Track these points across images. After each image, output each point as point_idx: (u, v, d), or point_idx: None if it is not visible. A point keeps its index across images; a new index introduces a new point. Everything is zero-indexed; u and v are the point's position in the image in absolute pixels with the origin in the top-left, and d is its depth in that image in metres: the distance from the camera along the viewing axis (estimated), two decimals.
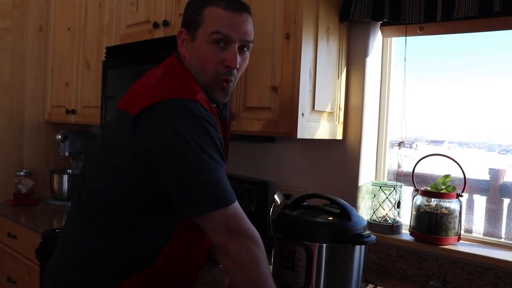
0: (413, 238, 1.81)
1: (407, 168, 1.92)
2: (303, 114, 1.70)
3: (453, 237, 1.74)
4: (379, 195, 1.91)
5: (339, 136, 1.96)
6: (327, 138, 1.89)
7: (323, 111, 1.84)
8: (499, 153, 1.89)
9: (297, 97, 1.68)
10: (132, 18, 2.40)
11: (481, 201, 1.87)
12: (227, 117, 1.41)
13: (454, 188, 1.78)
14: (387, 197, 1.89)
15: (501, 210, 1.80)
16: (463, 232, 1.83)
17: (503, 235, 1.78)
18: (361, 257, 1.48)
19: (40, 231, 2.31)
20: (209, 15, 1.27)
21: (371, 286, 1.68)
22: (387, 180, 2.04)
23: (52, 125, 3.20)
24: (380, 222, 1.90)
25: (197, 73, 1.30)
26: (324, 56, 1.81)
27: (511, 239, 1.75)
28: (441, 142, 2.03)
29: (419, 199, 1.81)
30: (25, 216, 2.64)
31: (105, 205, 1.25)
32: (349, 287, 1.46)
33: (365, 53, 1.94)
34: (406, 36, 1.86)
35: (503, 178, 1.84)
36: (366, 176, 1.99)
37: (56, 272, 1.31)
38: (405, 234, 1.87)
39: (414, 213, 1.82)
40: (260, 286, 1.20)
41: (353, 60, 1.97)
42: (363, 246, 1.47)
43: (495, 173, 1.86)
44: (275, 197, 1.91)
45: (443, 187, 1.79)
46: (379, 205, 1.91)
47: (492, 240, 1.77)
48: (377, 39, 1.97)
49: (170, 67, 1.32)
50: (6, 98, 3.00)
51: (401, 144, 1.92)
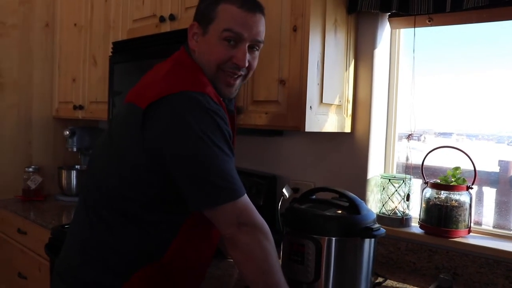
0: (422, 231, 1.80)
1: (416, 160, 1.90)
2: (311, 107, 1.69)
3: (463, 230, 1.73)
4: (388, 188, 1.90)
5: (348, 129, 1.95)
6: (336, 131, 1.87)
7: (331, 104, 1.83)
8: (508, 144, 1.88)
9: (305, 90, 1.67)
10: (138, 12, 2.39)
11: (491, 193, 1.86)
12: (234, 111, 1.41)
13: (464, 180, 1.76)
14: (396, 190, 1.88)
15: (511, 202, 1.79)
16: (472, 224, 1.82)
17: None
18: (370, 250, 1.47)
19: (49, 227, 2.32)
20: (223, 12, 1.27)
21: (380, 279, 1.67)
22: (396, 173, 2.03)
23: (60, 121, 3.21)
24: (389, 215, 1.89)
25: (204, 67, 1.30)
26: (331, 48, 1.79)
27: None
28: (450, 134, 2.02)
29: (429, 192, 1.80)
30: (35, 212, 2.66)
31: (114, 199, 1.25)
32: (358, 281, 1.45)
33: (373, 45, 1.92)
34: (415, 27, 1.84)
35: None
36: (375, 169, 1.98)
37: (65, 269, 1.31)
38: (415, 227, 1.86)
39: (423, 205, 1.81)
40: (269, 278, 1.20)
41: (361, 52, 1.95)
42: (373, 239, 1.46)
43: (505, 165, 1.84)
44: (284, 190, 1.90)
45: (452, 180, 1.78)
46: (388, 198, 1.90)
47: (502, 232, 1.75)
48: (385, 31, 1.95)
49: (179, 61, 1.32)
50: (14, 94, 3.01)
51: (410, 136, 1.90)
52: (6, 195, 2.96)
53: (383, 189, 1.92)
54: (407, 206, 1.89)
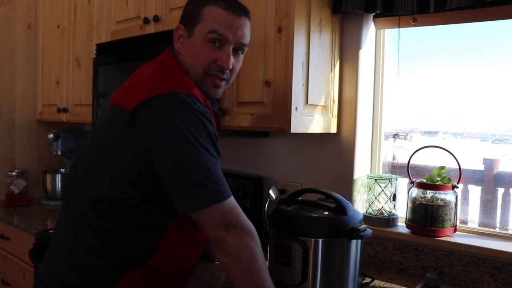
0: (409, 230, 1.81)
1: (402, 159, 1.91)
2: (296, 108, 1.68)
3: (449, 229, 1.74)
4: (374, 188, 1.90)
5: (333, 129, 1.95)
6: (321, 132, 1.87)
7: (317, 105, 1.82)
8: (492, 142, 1.89)
9: (290, 91, 1.66)
10: (122, 14, 2.37)
11: (476, 192, 1.87)
12: (218, 113, 1.41)
13: (449, 179, 1.77)
14: (383, 190, 1.88)
15: (496, 200, 1.81)
16: (458, 223, 1.83)
17: (498, 225, 1.78)
18: (357, 251, 1.47)
19: (33, 232, 2.29)
20: (209, 14, 1.28)
21: (368, 279, 1.67)
22: (383, 172, 2.03)
23: (43, 124, 3.17)
24: (376, 215, 1.90)
25: (189, 69, 1.30)
26: (316, 49, 1.79)
27: (506, 229, 1.75)
28: (436, 133, 2.03)
29: (415, 191, 1.81)
30: (18, 217, 2.62)
31: (100, 203, 1.23)
32: (346, 282, 1.45)
33: (358, 46, 1.92)
34: (399, 27, 1.85)
35: (497, 167, 1.85)
36: (361, 169, 1.98)
37: (49, 275, 1.29)
38: (402, 226, 1.87)
39: (410, 205, 1.82)
40: (256, 280, 1.20)
41: (346, 52, 1.95)
42: (359, 240, 1.46)
43: (489, 163, 1.86)
44: (270, 192, 1.90)
45: (438, 179, 1.79)
46: (374, 198, 1.90)
47: (487, 230, 1.77)
48: (370, 31, 1.96)
49: (165, 62, 1.32)
50: None
51: (395, 136, 1.91)
52: None
53: (370, 189, 1.92)
54: (394, 206, 1.90)
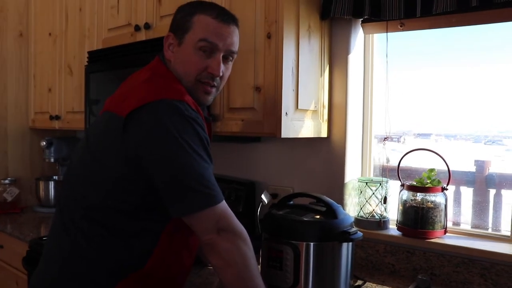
0: (400, 233, 1.82)
1: (396, 162, 1.92)
2: (286, 113, 1.70)
3: (439, 231, 1.75)
4: (365, 191, 1.92)
5: (324, 134, 1.97)
6: (312, 136, 1.89)
7: (307, 110, 1.84)
8: (485, 144, 1.91)
9: (280, 97, 1.68)
10: (113, 21, 2.38)
11: (468, 193, 1.89)
12: (210, 119, 1.43)
13: (439, 182, 1.79)
14: (374, 193, 1.90)
15: (487, 201, 1.82)
16: (451, 224, 1.85)
17: (490, 226, 1.80)
18: (348, 254, 1.48)
19: (27, 239, 2.28)
20: (198, 22, 1.30)
21: (360, 282, 1.68)
22: (374, 175, 2.05)
23: (36, 132, 3.16)
24: (367, 218, 1.91)
25: (180, 77, 1.32)
26: (306, 54, 1.81)
27: (497, 230, 1.77)
28: (428, 135, 2.05)
29: (405, 194, 1.82)
30: (11, 225, 2.61)
31: (93, 210, 1.23)
32: (337, 285, 1.47)
33: (347, 50, 1.94)
34: (387, 32, 1.87)
35: (489, 169, 1.86)
36: (352, 172, 2.00)
37: (44, 284, 1.29)
38: (393, 229, 1.89)
39: (400, 208, 1.84)
40: (249, 283, 1.21)
41: (336, 57, 1.97)
42: (350, 243, 1.47)
43: (481, 165, 1.88)
44: (262, 197, 1.91)
45: (428, 181, 1.80)
46: (365, 201, 1.92)
47: (479, 231, 1.78)
48: (358, 36, 1.98)
49: (155, 70, 1.33)
50: None
51: (385, 139, 1.93)
52: None
53: (361, 192, 1.94)
54: (385, 208, 1.91)
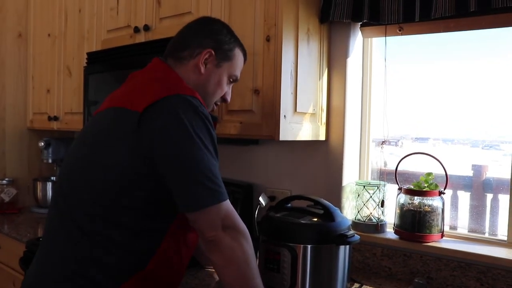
0: (397, 236, 1.83)
1: (393, 165, 1.93)
2: (285, 116, 1.71)
3: (436, 234, 1.76)
4: (363, 194, 1.92)
5: (322, 137, 1.97)
6: (310, 139, 1.89)
7: (305, 113, 1.85)
8: (482, 148, 1.92)
9: (278, 99, 1.68)
10: (112, 23, 2.39)
11: (465, 198, 1.89)
12: (216, 119, 1.47)
13: (436, 186, 1.80)
14: (371, 197, 1.91)
15: (484, 205, 1.83)
16: (448, 229, 1.86)
17: (487, 230, 1.80)
18: (345, 257, 1.49)
19: (24, 240, 2.28)
20: (236, 58, 1.46)
21: (357, 285, 1.69)
22: (372, 179, 2.05)
23: (34, 132, 3.17)
24: (364, 221, 1.92)
25: (204, 93, 1.39)
26: (305, 57, 1.82)
27: (494, 234, 1.78)
28: (426, 139, 2.05)
29: (403, 198, 1.83)
30: (9, 225, 2.61)
31: (98, 208, 1.21)
32: (334, 287, 1.47)
33: (346, 54, 1.95)
34: (386, 36, 1.88)
35: (486, 173, 1.87)
36: (349, 176, 2.00)
37: (40, 284, 1.26)
38: (390, 232, 1.89)
39: (398, 211, 1.84)
40: (249, 282, 1.22)
41: (334, 61, 1.98)
42: (348, 246, 1.48)
43: (478, 169, 1.88)
44: (260, 199, 1.91)
45: (425, 185, 1.81)
46: (363, 204, 1.92)
47: (475, 236, 1.79)
48: (357, 40, 1.99)
49: (163, 70, 1.36)
50: None
51: (383, 143, 1.94)
52: None
53: (358, 195, 1.94)
54: (382, 212, 1.92)
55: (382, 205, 1.90)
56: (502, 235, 1.75)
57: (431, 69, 1.97)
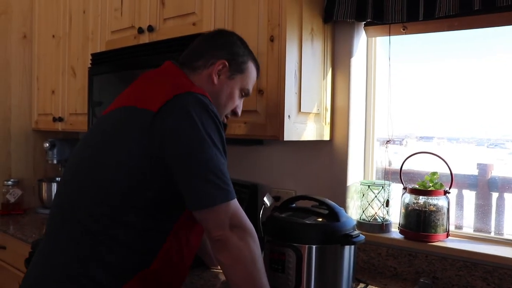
0: (402, 236, 1.82)
1: (398, 165, 1.93)
2: (289, 116, 1.70)
3: (441, 234, 1.75)
4: (368, 194, 1.92)
5: (327, 137, 1.97)
6: (315, 139, 1.89)
7: (310, 113, 1.84)
8: (487, 147, 1.91)
9: (283, 100, 1.68)
10: (116, 24, 2.39)
11: (470, 197, 1.88)
12: (225, 124, 1.51)
13: (441, 185, 1.79)
14: (376, 196, 1.90)
15: (490, 204, 1.82)
16: (454, 228, 1.85)
17: (493, 230, 1.80)
18: (350, 257, 1.49)
19: (29, 240, 2.29)
20: (250, 71, 1.48)
21: (362, 285, 1.68)
22: (376, 178, 2.05)
23: (39, 133, 3.18)
24: (369, 221, 1.91)
25: (216, 104, 1.37)
26: (309, 57, 1.82)
27: (500, 234, 1.77)
28: (431, 138, 2.04)
29: (407, 197, 1.82)
30: (14, 226, 2.62)
31: (106, 209, 1.21)
32: (339, 287, 1.47)
33: (350, 54, 1.94)
34: (389, 35, 1.87)
35: (491, 172, 1.86)
36: (354, 175, 2.00)
37: (41, 284, 1.24)
38: (395, 232, 1.89)
39: (403, 211, 1.84)
40: (256, 281, 1.22)
41: (338, 60, 1.97)
42: (353, 246, 1.48)
43: (483, 168, 1.88)
44: (265, 199, 1.91)
45: (430, 185, 1.80)
46: (368, 204, 1.92)
47: (481, 235, 1.78)
48: (361, 39, 1.98)
49: (175, 72, 1.38)
50: None
51: (388, 142, 1.93)
52: None
53: (363, 195, 1.94)
54: (387, 212, 1.91)
55: (387, 205, 1.90)
56: (508, 234, 1.75)
57: (435, 68, 1.97)
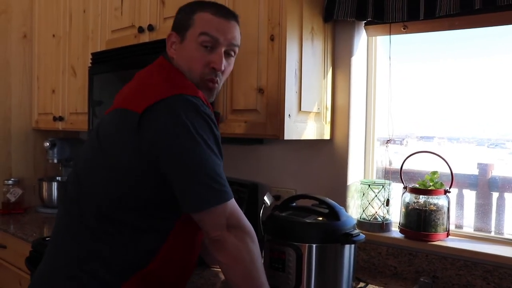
0: (402, 235, 1.82)
1: (398, 164, 1.93)
2: (289, 115, 1.70)
3: (442, 233, 1.75)
4: (368, 193, 1.92)
5: (327, 136, 1.97)
6: (315, 138, 1.89)
7: (310, 112, 1.84)
8: (488, 147, 1.91)
9: (283, 99, 1.68)
10: (117, 23, 2.39)
11: (471, 196, 1.88)
12: (219, 113, 1.46)
13: (441, 184, 1.79)
14: (376, 195, 1.90)
15: (490, 204, 1.82)
16: (454, 227, 1.85)
17: (493, 229, 1.79)
18: (351, 256, 1.49)
19: (30, 240, 2.29)
20: (199, 19, 1.33)
21: (362, 284, 1.68)
22: (376, 178, 2.05)
23: (39, 133, 3.18)
24: (369, 220, 1.91)
25: (185, 74, 1.33)
26: (309, 56, 1.81)
27: (500, 233, 1.77)
28: (431, 138, 2.04)
29: (408, 196, 1.82)
30: (15, 225, 2.62)
31: (104, 208, 1.23)
32: (340, 287, 1.47)
33: (350, 53, 1.94)
34: (390, 34, 1.87)
35: (492, 172, 1.86)
36: (354, 174, 2.00)
37: (46, 283, 1.28)
38: (395, 231, 1.89)
39: (403, 210, 1.84)
40: (254, 281, 1.22)
41: (339, 60, 1.97)
42: (353, 245, 1.48)
43: (484, 168, 1.88)
44: (265, 198, 1.91)
45: (430, 184, 1.80)
46: (368, 203, 1.92)
47: (481, 234, 1.78)
48: (361, 38, 1.98)
49: (164, 67, 1.34)
50: None
51: (388, 142, 1.93)
52: None
53: (363, 194, 1.94)
54: (387, 211, 1.91)
55: (387, 204, 1.90)
56: (508, 233, 1.75)
57: (436, 67, 1.97)
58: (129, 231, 1.23)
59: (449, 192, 1.78)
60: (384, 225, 1.89)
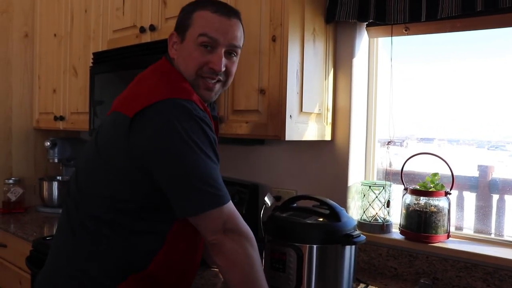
0: (403, 236, 1.82)
1: (398, 166, 1.93)
2: (291, 116, 1.71)
3: (442, 235, 1.75)
4: (368, 194, 1.92)
5: (328, 137, 1.97)
6: (316, 139, 1.89)
7: (311, 113, 1.85)
8: (488, 149, 1.91)
9: (284, 99, 1.68)
10: (118, 23, 2.39)
11: (471, 198, 1.89)
12: (217, 117, 1.43)
13: (442, 186, 1.79)
14: (377, 197, 1.90)
15: (490, 206, 1.82)
16: (454, 229, 1.85)
17: (493, 231, 1.80)
18: (351, 257, 1.49)
19: (30, 239, 2.29)
20: (198, 18, 1.30)
21: (362, 285, 1.68)
22: (377, 179, 2.05)
23: (40, 132, 3.18)
24: (370, 221, 1.91)
25: (183, 73, 1.32)
26: (311, 57, 1.82)
27: (500, 235, 1.77)
28: (431, 139, 2.05)
29: (408, 198, 1.82)
30: (15, 224, 2.62)
31: (101, 210, 1.23)
32: (340, 287, 1.47)
33: (351, 54, 1.95)
34: (392, 36, 1.87)
35: (492, 174, 1.86)
36: (355, 176, 2.00)
37: (49, 282, 1.29)
38: (396, 233, 1.89)
39: (403, 211, 1.84)
40: (253, 284, 1.21)
41: (340, 61, 1.98)
42: (353, 246, 1.48)
43: (484, 170, 1.88)
44: (266, 199, 1.91)
45: (431, 186, 1.80)
46: (369, 204, 1.92)
47: (481, 236, 1.78)
48: (363, 40, 1.98)
49: (162, 70, 1.34)
50: None
51: (389, 143, 1.93)
52: None
53: (364, 196, 1.94)
54: (388, 212, 1.91)
55: (388, 206, 1.90)
56: (508, 235, 1.75)
57: (437, 69, 1.97)
58: (126, 233, 1.23)
59: (450, 194, 1.78)
60: (384, 227, 1.89)
